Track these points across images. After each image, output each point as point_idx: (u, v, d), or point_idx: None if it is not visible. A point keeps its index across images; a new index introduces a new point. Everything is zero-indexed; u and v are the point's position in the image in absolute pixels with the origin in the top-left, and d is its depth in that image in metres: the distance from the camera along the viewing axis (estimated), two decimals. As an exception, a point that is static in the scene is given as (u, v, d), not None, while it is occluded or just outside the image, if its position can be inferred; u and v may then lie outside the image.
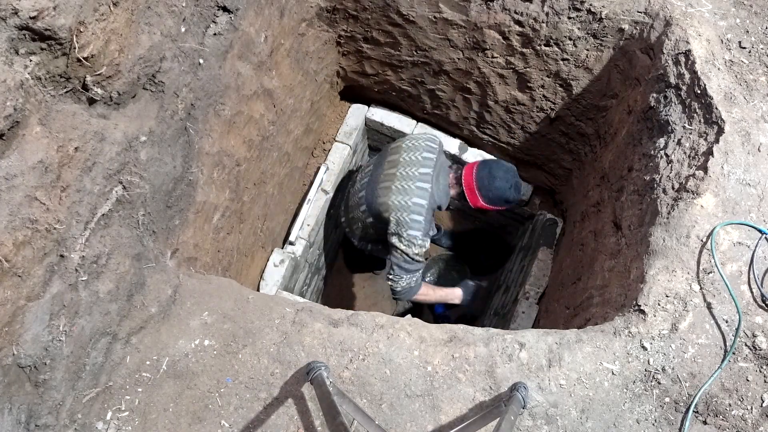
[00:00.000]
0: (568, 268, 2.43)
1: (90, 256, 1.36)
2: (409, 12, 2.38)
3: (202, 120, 1.81)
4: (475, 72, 2.57)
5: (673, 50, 1.87)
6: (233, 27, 1.87)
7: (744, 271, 1.52)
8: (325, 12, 2.55)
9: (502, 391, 1.46)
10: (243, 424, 1.43)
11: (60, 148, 1.22)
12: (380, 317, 1.60)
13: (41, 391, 1.28)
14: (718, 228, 1.55)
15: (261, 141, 2.32)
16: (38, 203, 1.18)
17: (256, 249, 2.61)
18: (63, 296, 1.30)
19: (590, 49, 2.19)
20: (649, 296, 1.52)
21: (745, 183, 1.60)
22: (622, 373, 1.47)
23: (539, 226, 2.97)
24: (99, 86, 1.32)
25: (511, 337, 1.54)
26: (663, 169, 1.75)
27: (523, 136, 2.85)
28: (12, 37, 1.07)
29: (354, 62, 2.92)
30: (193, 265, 1.91)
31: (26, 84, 1.12)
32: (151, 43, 1.44)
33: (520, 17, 2.19)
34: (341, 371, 1.50)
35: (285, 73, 2.41)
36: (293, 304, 1.64)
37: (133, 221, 1.52)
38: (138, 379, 1.47)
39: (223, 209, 2.09)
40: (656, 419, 1.42)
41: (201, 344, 1.53)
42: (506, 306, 2.99)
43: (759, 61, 1.81)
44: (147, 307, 1.55)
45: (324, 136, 3.24)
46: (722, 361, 1.44)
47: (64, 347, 1.32)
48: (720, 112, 1.66)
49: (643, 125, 1.99)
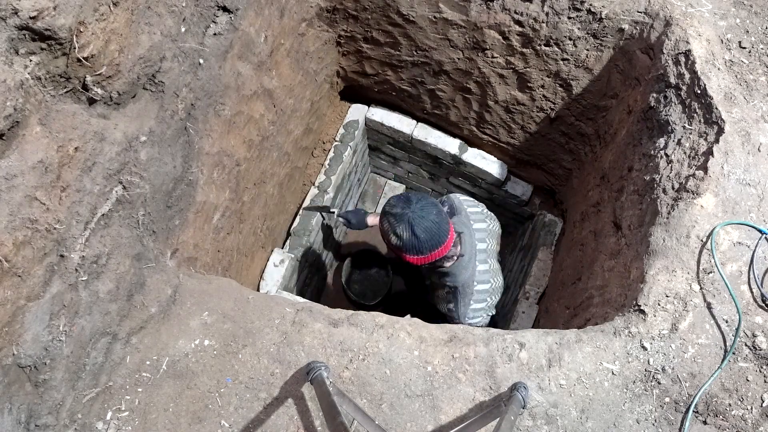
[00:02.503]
0: (568, 268, 2.43)
1: (90, 256, 1.36)
2: (409, 12, 2.38)
3: (202, 120, 1.81)
4: (475, 72, 2.57)
5: (673, 50, 1.87)
6: (233, 27, 1.87)
7: (744, 271, 1.52)
8: (325, 12, 2.55)
9: (502, 391, 1.46)
10: (243, 424, 1.43)
11: (60, 148, 1.22)
12: (380, 317, 1.60)
13: (41, 391, 1.28)
14: (718, 228, 1.55)
15: (261, 141, 2.32)
16: (38, 203, 1.18)
17: (256, 249, 2.61)
18: (63, 296, 1.30)
19: (590, 49, 2.19)
20: (649, 296, 1.52)
21: (745, 183, 1.60)
22: (622, 373, 1.47)
23: (539, 226, 2.97)
24: (99, 86, 1.32)
25: (511, 337, 1.54)
26: (663, 169, 1.75)
27: (523, 136, 2.85)
28: (12, 37, 1.07)
29: (354, 62, 2.92)
30: (193, 265, 1.91)
31: (26, 84, 1.12)
32: (151, 43, 1.44)
33: (520, 17, 2.19)
34: (341, 371, 1.50)
35: (285, 73, 2.41)
36: (293, 304, 1.64)
37: (133, 221, 1.52)
38: (138, 379, 1.47)
39: (223, 209, 2.09)
40: (656, 419, 1.42)
41: (201, 344, 1.53)
42: (506, 306, 2.99)
43: (759, 61, 1.81)
44: (147, 307, 1.55)
45: (324, 136, 3.24)
46: (722, 361, 1.44)
47: (64, 347, 1.32)
48: (720, 112, 1.66)
49: (643, 125, 1.99)
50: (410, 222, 1.74)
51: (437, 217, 1.78)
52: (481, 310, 2.05)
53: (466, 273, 1.99)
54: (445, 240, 1.81)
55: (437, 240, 1.79)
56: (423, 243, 1.77)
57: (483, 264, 2.04)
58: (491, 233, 2.14)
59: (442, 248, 1.82)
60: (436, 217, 1.78)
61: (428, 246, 1.78)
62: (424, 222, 1.75)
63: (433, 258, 1.84)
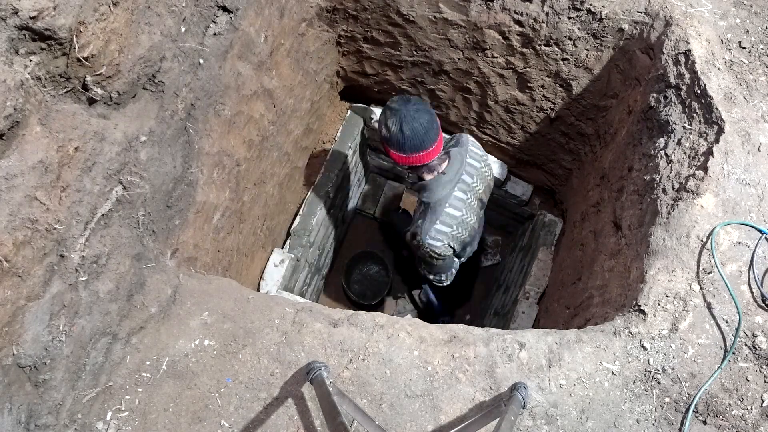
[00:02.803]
0: (568, 268, 2.43)
1: (90, 256, 1.36)
2: (409, 12, 2.38)
3: (202, 120, 1.81)
4: (475, 72, 2.57)
5: (673, 50, 1.87)
6: (233, 27, 1.87)
7: (744, 271, 1.52)
8: (325, 12, 2.55)
9: (502, 391, 1.46)
10: (243, 424, 1.43)
11: (60, 148, 1.22)
12: (380, 317, 1.60)
13: (41, 391, 1.28)
14: (718, 228, 1.55)
15: (261, 141, 2.32)
16: (38, 203, 1.18)
17: (256, 249, 2.61)
18: (63, 296, 1.30)
19: (590, 49, 2.19)
20: (649, 296, 1.52)
21: (745, 183, 1.60)
22: (622, 373, 1.47)
23: (539, 226, 2.97)
24: (99, 86, 1.32)
25: (511, 337, 1.54)
26: (663, 169, 1.75)
27: (523, 136, 2.85)
28: (12, 37, 1.07)
29: (354, 62, 2.92)
30: (193, 265, 1.91)
31: (26, 84, 1.12)
32: (151, 43, 1.44)
33: (520, 17, 2.19)
34: (341, 371, 1.50)
35: (285, 73, 2.41)
36: (293, 304, 1.64)
37: (133, 221, 1.52)
38: (138, 379, 1.47)
39: (223, 209, 2.09)
40: (656, 419, 1.42)
41: (201, 344, 1.53)
42: (506, 306, 2.99)
43: (759, 61, 1.81)
44: (147, 307, 1.55)
45: (324, 136, 3.24)
46: (722, 361, 1.44)
47: (64, 347, 1.32)
48: (720, 112, 1.66)
49: (643, 125, 1.99)
50: (401, 118, 1.89)
51: (428, 123, 1.91)
52: (444, 235, 2.13)
53: (442, 192, 2.10)
54: (428, 146, 1.94)
55: (421, 141, 1.92)
56: (407, 140, 1.91)
57: (462, 193, 2.14)
58: (481, 175, 2.24)
59: (424, 153, 1.96)
60: (427, 123, 1.91)
61: (410, 145, 1.93)
62: (413, 122, 1.89)
63: (413, 161, 1.98)
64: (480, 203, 2.28)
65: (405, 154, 1.96)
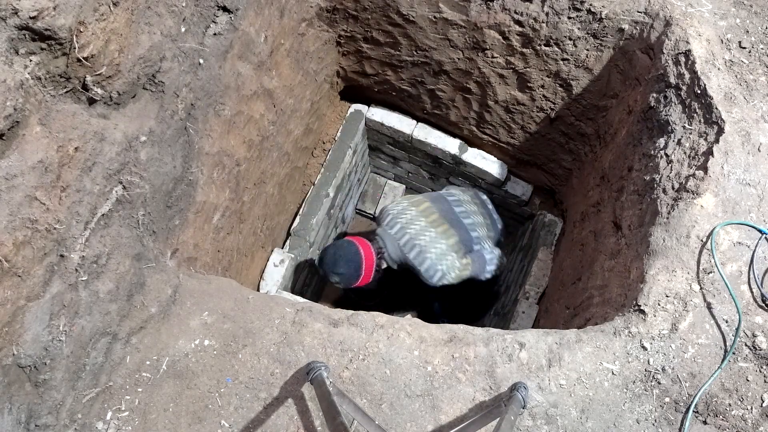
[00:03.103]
0: (568, 268, 2.43)
1: (90, 256, 1.36)
2: (409, 12, 2.38)
3: (202, 120, 1.81)
4: (475, 72, 2.57)
5: (673, 50, 1.87)
6: (233, 27, 1.87)
7: (744, 271, 1.52)
8: (325, 12, 2.55)
9: (502, 391, 1.46)
10: (243, 424, 1.43)
11: (60, 148, 1.22)
12: (380, 317, 1.60)
13: (41, 391, 1.28)
14: (718, 228, 1.55)
15: (261, 141, 2.32)
16: (38, 203, 1.18)
17: (256, 249, 2.61)
18: (63, 296, 1.30)
19: (590, 49, 2.19)
20: (649, 296, 1.51)
21: (745, 183, 1.60)
22: (622, 373, 1.47)
23: (539, 226, 2.97)
24: (99, 86, 1.32)
25: (511, 337, 1.54)
26: (663, 169, 1.75)
27: (523, 136, 2.85)
28: (12, 37, 1.07)
29: (354, 62, 2.92)
30: (193, 265, 1.91)
31: (26, 84, 1.12)
32: (151, 43, 1.44)
33: (520, 17, 2.19)
34: (341, 371, 1.50)
35: (285, 73, 2.41)
36: (293, 304, 1.64)
37: (133, 221, 1.52)
38: (138, 379, 1.47)
39: (223, 209, 2.09)
40: (656, 419, 1.42)
41: (201, 344, 1.53)
42: (506, 306, 2.99)
43: (759, 61, 1.81)
44: (147, 307, 1.55)
45: (324, 136, 3.24)
46: (722, 361, 1.44)
47: (64, 347, 1.32)
48: (720, 112, 1.66)
49: (643, 125, 1.99)
50: (331, 271, 2.42)
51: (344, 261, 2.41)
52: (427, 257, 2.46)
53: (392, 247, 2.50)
54: (357, 281, 2.46)
55: (347, 282, 2.45)
56: (342, 283, 2.45)
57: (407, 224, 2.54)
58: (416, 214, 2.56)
59: (360, 282, 2.47)
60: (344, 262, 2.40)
61: (346, 284, 2.45)
62: (333, 278, 2.44)
63: (360, 284, 2.49)
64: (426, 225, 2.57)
65: (351, 285, 2.46)
